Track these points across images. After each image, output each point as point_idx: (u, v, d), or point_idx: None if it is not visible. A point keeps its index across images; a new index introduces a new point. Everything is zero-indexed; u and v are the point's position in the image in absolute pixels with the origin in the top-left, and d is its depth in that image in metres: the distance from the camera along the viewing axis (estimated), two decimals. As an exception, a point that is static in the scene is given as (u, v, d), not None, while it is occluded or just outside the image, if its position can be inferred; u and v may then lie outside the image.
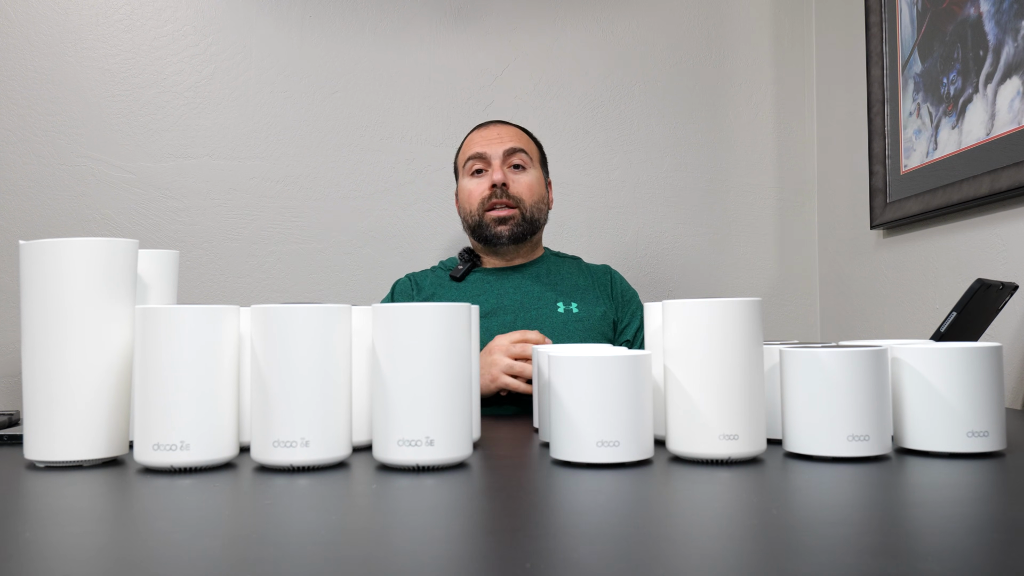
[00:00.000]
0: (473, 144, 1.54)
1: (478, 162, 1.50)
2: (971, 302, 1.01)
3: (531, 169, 1.52)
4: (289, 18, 1.97)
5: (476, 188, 1.50)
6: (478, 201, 1.49)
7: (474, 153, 1.51)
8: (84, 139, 1.89)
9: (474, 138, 1.55)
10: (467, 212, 1.52)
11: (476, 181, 1.51)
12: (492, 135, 1.53)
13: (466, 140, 1.58)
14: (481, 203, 1.49)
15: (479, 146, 1.52)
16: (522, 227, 1.49)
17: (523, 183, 1.50)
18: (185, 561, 0.47)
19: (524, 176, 1.51)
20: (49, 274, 0.76)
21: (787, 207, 2.06)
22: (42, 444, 0.75)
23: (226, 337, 0.75)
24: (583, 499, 0.63)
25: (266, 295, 1.91)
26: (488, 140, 1.52)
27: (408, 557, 0.48)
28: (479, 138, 1.54)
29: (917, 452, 0.77)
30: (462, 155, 1.57)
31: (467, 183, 1.52)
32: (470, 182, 1.52)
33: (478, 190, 1.50)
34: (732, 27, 2.06)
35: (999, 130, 1.33)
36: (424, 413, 0.72)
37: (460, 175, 1.56)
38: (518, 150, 1.51)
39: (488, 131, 1.55)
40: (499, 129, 1.55)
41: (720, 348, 0.73)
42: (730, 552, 0.48)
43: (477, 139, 1.54)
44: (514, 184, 1.49)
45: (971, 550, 0.48)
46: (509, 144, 1.51)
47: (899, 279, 1.68)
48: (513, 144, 1.51)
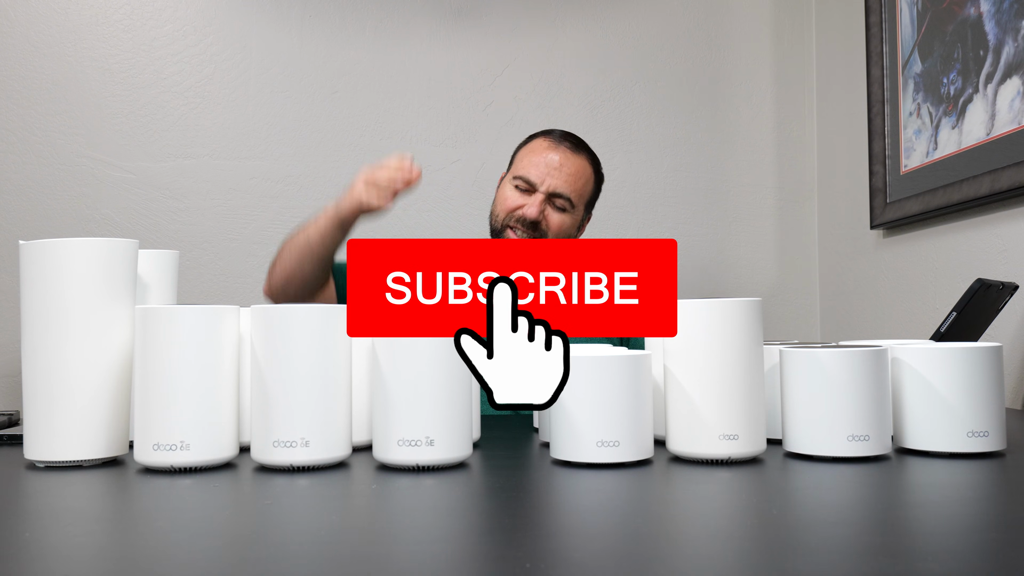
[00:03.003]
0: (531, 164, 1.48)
1: (524, 183, 1.46)
2: (971, 302, 1.01)
3: (570, 214, 1.48)
4: (289, 18, 1.97)
5: (512, 201, 1.47)
6: (506, 213, 1.47)
7: (525, 176, 1.47)
8: (84, 139, 1.89)
9: (535, 155, 1.49)
10: (494, 214, 1.51)
11: (515, 195, 1.47)
12: (554, 164, 1.47)
13: (531, 146, 1.51)
14: (508, 215, 1.47)
15: (535, 173, 1.46)
16: None
17: (555, 222, 1.47)
18: (185, 561, 0.47)
19: (560, 217, 1.47)
20: (49, 274, 0.76)
21: (787, 207, 2.06)
22: (42, 444, 0.75)
23: (226, 337, 0.75)
24: (583, 499, 0.63)
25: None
26: (547, 170, 1.46)
27: (408, 557, 0.48)
28: (541, 161, 1.47)
29: (917, 452, 0.77)
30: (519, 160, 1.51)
31: (508, 190, 1.49)
32: (511, 190, 1.48)
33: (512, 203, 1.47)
34: (732, 27, 2.06)
35: (999, 130, 1.33)
36: (424, 413, 0.72)
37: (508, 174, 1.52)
38: (563, 197, 1.46)
39: (553, 156, 1.48)
40: (564, 159, 1.48)
41: (720, 348, 0.73)
42: (730, 552, 0.48)
43: (537, 159, 1.48)
44: (546, 221, 1.46)
45: (971, 550, 0.48)
46: (559, 188, 1.46)
47: (899, 279, 1.68)
48: (562, 190, 1.46)
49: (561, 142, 1.51)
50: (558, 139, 1.51)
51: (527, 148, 1.53)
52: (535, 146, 1.51)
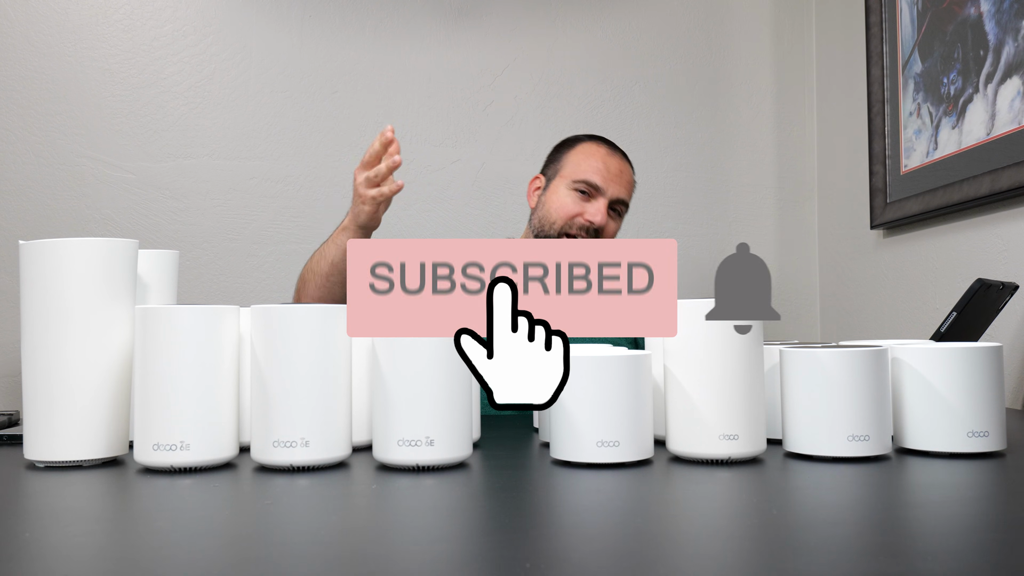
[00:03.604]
0: (595, 170, 1.48)
1: (588, 188, 1.46)
2: (971, 302, 1.01)
3: (621, 219, 1.52)
4: (289, 18, 1.97)
5: (573, 207, 1.46)
6: (566, 220, 1.47)
7: (592, 181, 1.46)
8: (84, 139, 1.89)
9: (597, 161, 1.49)
10: (550, 220, 1.48)
11: (576, 200, 1.47)
12: (615, 171, 1.49)
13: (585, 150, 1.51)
14: (568, 224, 1.47)
15: (600, 178, 1.47)
16: None
17: (612, 229, 1.50)
18: (185, 561, 0.47)
19: (615, 224, 1.51)
20: (49, 274, 0.76)
21: (787, 207, 2.06)
22: (42, 444, 0.75)
23: (226, 337, 0.75)
24: (583, 499, 0.63)
25: (266, 295, 1.91)
26: (612, 176, 1.48)
27: (408, 557, 0.48)
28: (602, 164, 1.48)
29: (917, 452, 0.77)
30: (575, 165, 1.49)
31: (567, 195, 1.48)
32: (570, 196, 1.47)
33: (574, 209, 1.46)
34: (732, 27, 2.06)
35: (999, 130, 1.33)
36: (424, 413, 0.72)
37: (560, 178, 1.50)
38: (624, 203, 1.49)
39: (612, 162, 1.49)
40: (622, 167, 1.50)
41: (720, 348, 0.73)
42: (730, 552, 0.48)
43: (599, 164, 1.48)
44: (606, 229, 1.48)
45: (971, 550, 0.48)
46: (623, 194, 1.48)
47: (899, 279, 1.68)
48: (624, 196, 1.49)
49: (614, 149, 1.52)
50: (611, 146, 1.53)
51: (580, 152, 1.51)
52: (591, 150, 1.51)
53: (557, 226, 1.48)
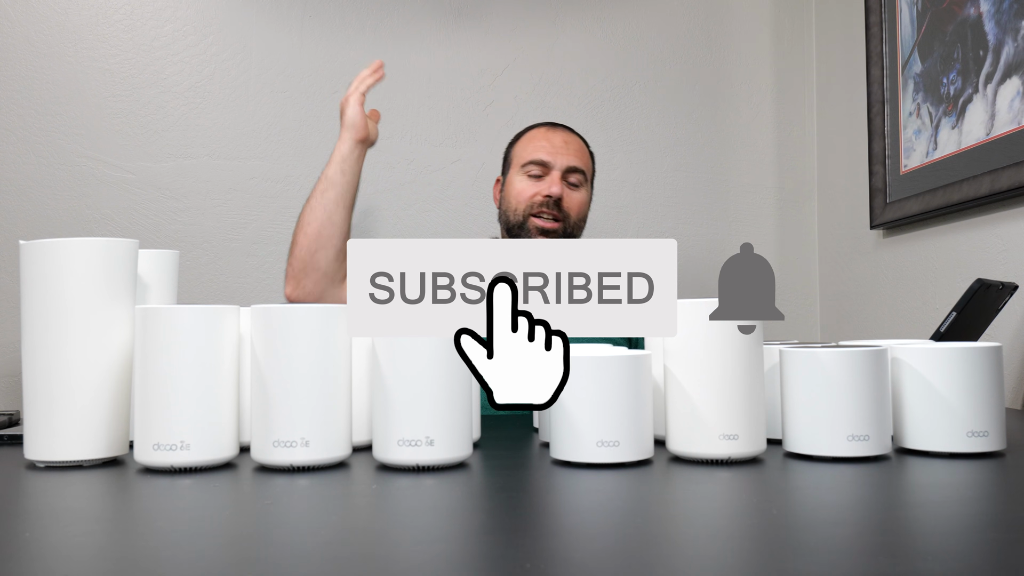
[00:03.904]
0: (538, 148, 1.50)
1: (538, 167, 1.49)
2: (971, 302, 1.01)
3: (584, 188, 1.52)
4: (289, 18, 1.97)
5: (528, 189, 1.48)
6: (527, 203, 1.48)
7: (537, 159, 1.49)
8: (84, 139, 1.89)
9: (539, 139, 1.52)
10: (512, 209, 1.50)
11: (531, 183, 1.49)
12: (559, 143, 1.51)
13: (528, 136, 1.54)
14: (529, 206, 1.48)
15: (544, 152, 1.49)
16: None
17: (575, 200, 1.50)
18: (185, 561, 0.47)
19: (577, 194, 1.51)
20: (49, 274, 0.76)
21: (787, 207, 2.06)
22: (42, 444, 0.75)
23: (226, 337, 0.75)
24: (583, 499, 0.63)
25: (266, 295, 1.91)
26: (555, 148, 1.50)
27: (408, 557, 0.48)
28: (546, 142, 1.51)
29: (917, 452, 0.77)
30: (522, 151, 1.53)
31: (520, 181, 1.50)
32: (524, 181, 1.49)
33: (530, 191, 1.48)
34: (732, 27, 2.06)
35: (999, 130, 1.33)
36: (424, 413, 0.72)
37: (513, 168, 1.53)
38: (579, 170, 1.50)
39: (555, 136, 1.52)
40: (566, 138, 1.52)
41: (720, 348, 0.73)
42: (730, 552, 0.48)
43: (543, 143, 1.51)
44: (567, 199, 1.48)
45: (971, 550, 0.48)
46: (573, 161, 1.49)
47: (899, 279, 1.68)
48: (576, 163, 1.50)
49: (556, 126, 1.55)
50: (552, 124, 1.56)
51: (525, 138, 1.55)
52: (534, 134, 1.54)
53: (520, 211, 1.49)
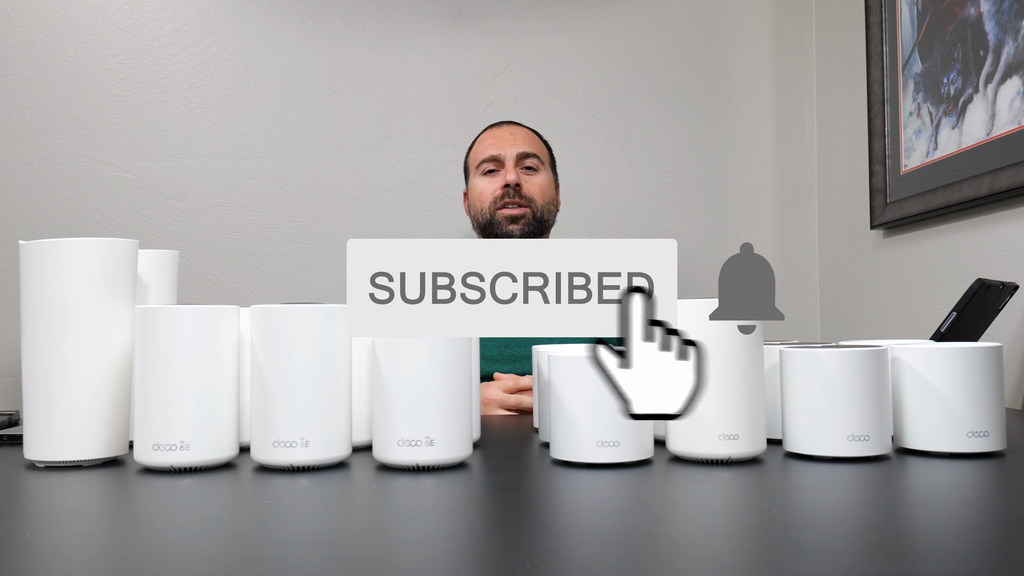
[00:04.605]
0: (487, 145, 1.55)
1: (491, 163, 1.52)
2: (971, 302, 1.01)
3: (543, 171, 1.54)
4: (289, 18, 1.97)
5: (488, 187, 1.52)
6: (490, 200, 1.51)
7: (488, 155, 1.53)
8: (84, 139, 1.89)
9: (487, 139, 1.56)
10: (478, 211, 1.54)
11: (488, 180, 1.52)
12: (505, 136, 1.54)
13: (478, 140, 1.59)
14: (493, 202, 1.51)
15: (493, 148, 1.53)
16: (532, 226, 1.51)
17: (535, 184, 1.52)
18: (185, 561, 0.47)
19: (536, 177, 1.53)
20: (49, 274, 0.76)
21: (787, 207, 2.06)
22: (42, 444, 0.75)
23: (226, 337, 0.75)
24: (583, 499, 0.63)
25: (266, 295, 1.91)
26: (502, 141, 1.53)
27: (408, 557, 0.48)
28: (493, 139, 1.55)
29: (917, 452, 0.77)
30: (474, 155, 1.58)
31: (479, 182, 1.54)
32: (482, 181, 1.53)
33: (490, 189, 1.52)
34: (732, 27, 2.06)
35: (999, 130, 1.33)
36: (424, 413, 0.72)
37: (471, 175, 1.57)
38: (531, 154, 1.52)
39: (501, 131, 1.56)
40: (512, 130, 1.56)
41: (720, 348, 0.73)
42: (730, 552, 0.48)
43: (491, 140, 1.55)
44: (527, 184, 1.51)
45: (971, 550, 0.48)
46: (523, 147, 1.52)
47: (899, 279, 1.68)
48: (526, 148, 1.53)
49: (502, 123, 1.61)
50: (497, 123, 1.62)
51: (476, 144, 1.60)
52: (482, 137, 1.59)
53: (486, 209, 1.53)
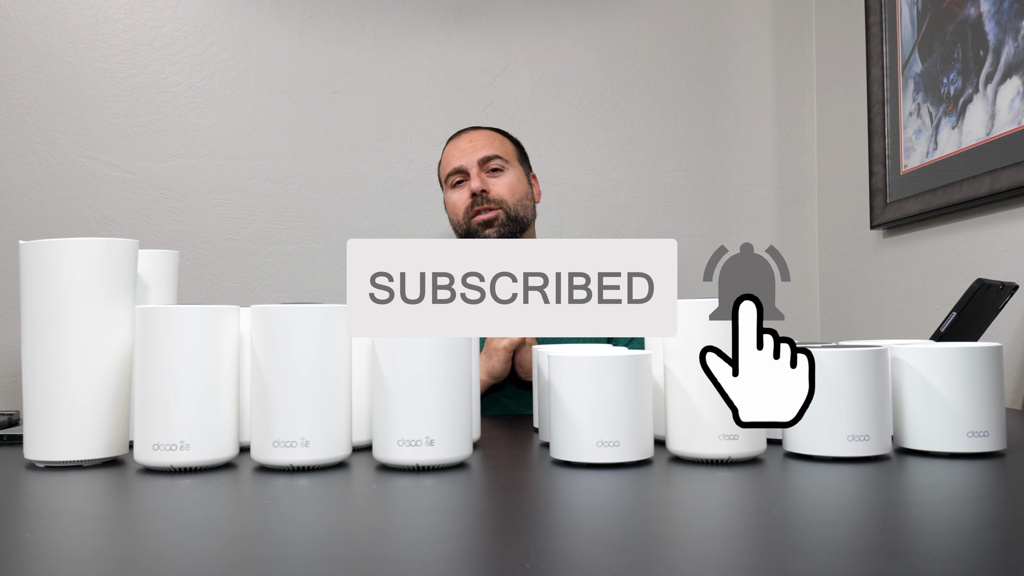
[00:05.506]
0: (450, 159, 1.57)
1: (457, 175, 1.54)
2: (971, 302, 1.01)
3: (509, 170, 1.55)
4: (289, 18, 1.97)
5: (459, 199, 1.54)
6: (463, 210, 1.53)
7: (452, 169, 1.55)
8: (84, 139, 1.89)
9: (450, 152, 1.58)
10: (456, 223, 1.57)
11: (458, 192, 1.55)
12: (465, 145, 1.56)
13: (443, 154, 1.61)
14: (466, 212, 1.53)
15: (455, 160, 1.55)
16: (508, 226, 1.52)
17: (503, 184, 1.53)
18: (185, 561, 0.47)
19: (503, 178, 1.54)
20: (49, 274, 0.76)
21: (787, 207, 2.06)
22: (42, 444, 0.75)
23: (226, 337, 0.75)
24: (583, 499, 0.63)
25: (266, 295, 1.91)
26: (462, 152, 1.55)
27: (408, 557, 0.48)
28: (454, 151, 1.57)
29: (917, 452, 0.77)
30: (442, 171, 1.60)
31: (450, 195, 1.57)
32: (453, 194, 1.56)
33: (460, 200, 1.54)
34: (732, 27, 2.06)
35: (999, 130, 1.33)
36: (424, 413, 0.72)
37: (444, 190, 1.61)
38: (492, 156, 1.53)
39: (460, 142, 1.58)
40: (471, 136, 1.58)
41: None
42: (730, 552, 0.48)
43: (452, 152, 1.57)
44: (494, 187, 1.53)
45: (971, 550, 0.48)
46: (482, 152, 1.53)
47: (899, 279, 1.68)
48: (486, 152, 1.54)
49: (461, 131, 1.61)
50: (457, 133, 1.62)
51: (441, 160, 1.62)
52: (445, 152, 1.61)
53: (461, 220, 1.54)
